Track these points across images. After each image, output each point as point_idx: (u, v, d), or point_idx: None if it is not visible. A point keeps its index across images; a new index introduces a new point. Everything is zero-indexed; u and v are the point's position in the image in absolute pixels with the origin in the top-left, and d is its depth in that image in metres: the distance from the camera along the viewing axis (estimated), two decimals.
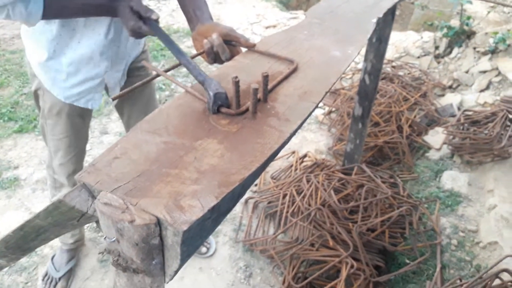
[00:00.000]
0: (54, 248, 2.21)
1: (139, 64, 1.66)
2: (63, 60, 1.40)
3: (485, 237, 2.13)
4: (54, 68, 1.42)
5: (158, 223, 0.61)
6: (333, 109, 3.37)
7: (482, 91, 3.08)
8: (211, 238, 2.31)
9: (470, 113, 2.77)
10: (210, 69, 3.68)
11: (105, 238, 0.65)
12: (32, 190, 2.63)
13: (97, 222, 0.68)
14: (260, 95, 0.91)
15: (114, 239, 0.64)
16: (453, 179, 2.49)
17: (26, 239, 0.82)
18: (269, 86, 0.95)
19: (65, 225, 0.75)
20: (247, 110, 0.88)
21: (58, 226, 0.76)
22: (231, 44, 1.15)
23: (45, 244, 0.89)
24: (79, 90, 1.48)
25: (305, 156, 2.85)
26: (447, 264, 2.05)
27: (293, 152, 2.90)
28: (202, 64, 3.76)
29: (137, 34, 1.21)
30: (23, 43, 1.48)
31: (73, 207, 0.67)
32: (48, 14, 1.19)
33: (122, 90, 1.60)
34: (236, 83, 0.84)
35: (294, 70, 1.05)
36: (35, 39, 1.39)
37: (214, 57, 1.14)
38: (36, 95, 1.59)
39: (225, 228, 2.41)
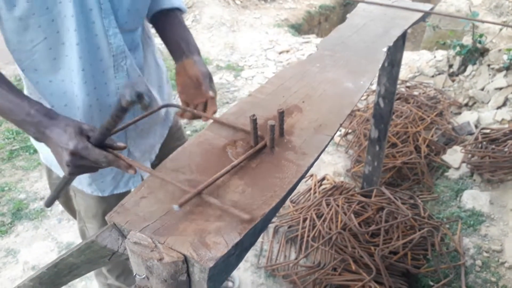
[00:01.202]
0: (81, 278, 2.25)
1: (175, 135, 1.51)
2: None
3: (510, 257, 2.09)
4: None
5: (185, 260, 0.65)
6: (350, 130, 3.39)
7: (499, 108, 3.06)
8: (234, 272, 2.31)
9: (488, 131, 2.76)
10: (229, 105, 3.77)
11: (135, 275, 0.69)
12: (58, 220, 2.71)
13: (127, 259, 0.73)
14: (276, 130, 0.95)
15: (144, 276, 0.68)
16: (474, 198, 2.47)
17: (59, 275, 0.87)
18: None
19: (97, 262, 0.79)
20: (265, 145, 0.92)
21: (90, 263, 0.80)
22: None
23: (76, 278, 0.94)
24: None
25: (323, 179, 2.86)
26: (472, 285, 2.02)
27: (311, 175, 2.92)
28: None
29: (78, 160, 0.88)
30: None
31: (105, 246, 0.72)
32: None
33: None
34: (254, 121, 0.89)
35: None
36: None
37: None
38: (66, 198, 1.39)
39: (247, 254, 2.41)
